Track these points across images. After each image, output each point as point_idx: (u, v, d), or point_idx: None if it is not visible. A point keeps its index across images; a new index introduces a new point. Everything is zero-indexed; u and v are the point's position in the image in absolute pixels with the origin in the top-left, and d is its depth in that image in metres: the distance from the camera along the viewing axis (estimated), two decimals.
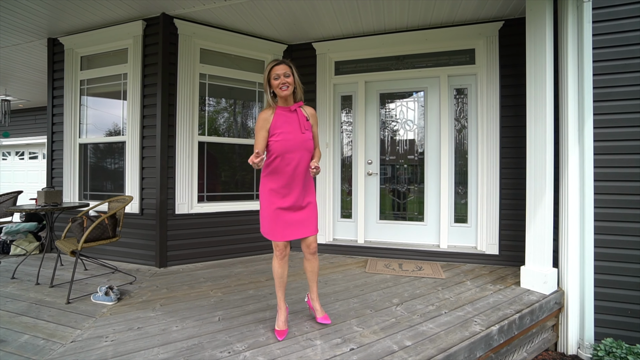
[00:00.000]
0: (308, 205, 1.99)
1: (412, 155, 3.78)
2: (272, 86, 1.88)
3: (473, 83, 3.53)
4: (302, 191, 1.95)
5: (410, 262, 3.44)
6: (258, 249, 3.79)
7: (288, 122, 1.88)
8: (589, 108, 2.45)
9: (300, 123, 1.89)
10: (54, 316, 2.20)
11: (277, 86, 1.84)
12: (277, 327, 1.98)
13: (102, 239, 2.71)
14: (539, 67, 2.59)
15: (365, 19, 3.40)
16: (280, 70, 1.84)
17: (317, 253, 2.10)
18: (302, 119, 1.90)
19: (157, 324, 2.11)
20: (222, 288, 2.75)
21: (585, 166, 2.47)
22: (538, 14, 2.58)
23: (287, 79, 1.84)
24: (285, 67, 1.85)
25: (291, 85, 1.87)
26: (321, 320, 2.09)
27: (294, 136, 1.86)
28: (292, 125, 1.88)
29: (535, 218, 2.64)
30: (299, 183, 1.93)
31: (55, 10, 3.24)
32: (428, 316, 2.20)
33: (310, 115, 1.98)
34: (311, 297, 2.15)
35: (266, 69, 1.89)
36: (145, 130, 3.43)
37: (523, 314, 2.25)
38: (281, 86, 1.83)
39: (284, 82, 1.83)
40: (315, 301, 2.13)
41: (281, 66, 1.85)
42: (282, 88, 1.84)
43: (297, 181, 1.92)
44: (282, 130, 1.86)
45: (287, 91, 1.85)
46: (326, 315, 2.12)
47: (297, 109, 1.92)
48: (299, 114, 1.91)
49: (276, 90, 1.86)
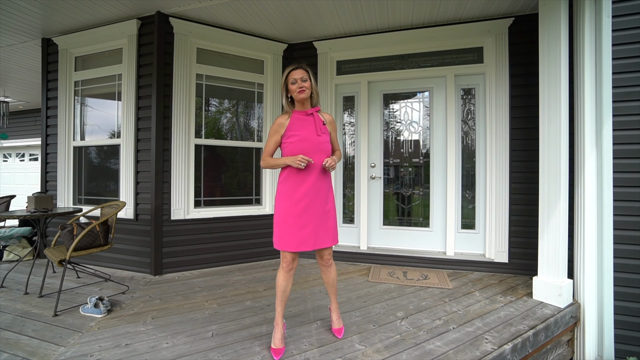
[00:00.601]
0: (326, 214, 1.88)
1: (417, 158, 3.63)
2: (289, 91, 1.88)
3: (481, 83, 3.38)
4: (319, 197, 1.86)
5: (416, 270, 3.29)
6: (256, 256, 3.66)
7: (304, 125, 1.86)
8: (608, 108, 2.30)
9: (316, 126, 1.87)
10: (39, 331, 2.08)
11: (295, 90, 1.85)
12: (273, 345, 1.84)
13: (92, 247, 2.60)
14: (553, 66, 2.43)
15: (368, 17, 3.26)
16: (297, 75, 1.85)
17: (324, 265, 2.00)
18: (319, 122, 1.88)
19: (147, 339, 1.98)
20: (217, 299, 2.63)
21: (604, 171, 2.31)
22: (552, 9, 2.42)
23: (304, 83, 1.85)
24: (303, 72, 1.86)
25: (308, 90, 1.86)
26: (334, 331, 2.04)
27: (310, 138, 1.84)
28: (308, 128, 1.86)
29: (548, 226, 2.48)
30: (319, 188, 1.86)
31: (48, 9, 3.14)
32: (435, 332, 2.05)
33: (328, 121, 1.97)
34: (331, 307, 2.10)
35: (284, 73, 1.90)
36: (140, 133, 3.32)
37: (537, 330, 2.09)
38: (298, 90, 1.84)
39: (301, 86, 1.84)
40: (333, 312, 2.08)
41: (298, 71, 1.86)
42: (299, 91, 1.84)
43: (317, 186, 1.85)
44: (297, 133, 1.84)
45: (303, 94, 1.85)
46: (341, 329, 2.04)
47: (314, 112, 1.90)
48: (315, 118, 1.89)
49: (293, 94, 1.87)
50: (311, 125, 1.86)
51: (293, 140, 1.83)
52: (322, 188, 1.87)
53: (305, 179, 1.83)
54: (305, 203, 1.82)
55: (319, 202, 1.85)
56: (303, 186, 1.82)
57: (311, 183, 1.83)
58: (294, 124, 1.86)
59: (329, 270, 2.00)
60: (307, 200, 1.82)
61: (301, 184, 1.83)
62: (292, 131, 1.84)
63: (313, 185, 1.83)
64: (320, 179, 1.86)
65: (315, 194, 1.84)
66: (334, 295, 2.06)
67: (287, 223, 1.83)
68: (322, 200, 1.87)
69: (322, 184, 1.87)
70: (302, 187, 1.82)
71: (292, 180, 1.84)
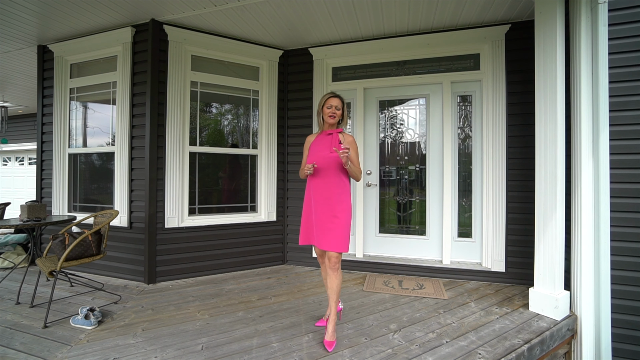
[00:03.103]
0: (334, 220, 2.07)
1: (413, 166, 3.59)
2: (323, 113, 2.18)
3: (478, 90, 3.35)
4: (330, 204, 2.09)
5: (411, 279, 3.26)
6: (251, 263, 3.64)
7: (321, 143, 2.18)
8: (605, 118, 2.26)
9: (331, 145, 2.12)
10: (27, 344, 2.06)
11: (327, 114, 2.15)
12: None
13: (84, 257, 2.58)
14: (549, 74, 2.40)
15: (363, 23, 3.23)
16: (334, 102, 2.15)
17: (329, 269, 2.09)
18: (335, 142, 2.12)
19: (136, 353, 1.96)
20: (210, 309, 2.60)
21: (601, 181, 2.27)
22: (548, 16, 2.39)
23: (337, 111, 2.16)
24: (339, 101, 2.17)
25: (338, 117, 2.17)
26: (325, 343, 2.03)
27: (322, 155, 2.12)
28: (323, 146, 2.15)
29: (545, 237, 2.44)
30: (327, 197, 2.11)
31: (43, 17, 3.14)
32: (427, 346, 2.02)
33: (348, 142, 2.16)
34: (328, 317, 2.11)
35: (323, 97, 2.20)
36: (134, 140, 3.31)
37: (532, 344, 2.06)
38: (330, 114, 2.14)
39: (333, 112, 2.14)
40: (330, 322, 2.08)
41: (336, 99, 2.16)
42: (330, 116, 2.15)
43: (323, 193, 2.12)
44: (314, 150, 2.18)
45: (332, 120, 2.16)
46: (332, 342, 2.02)
47: (334, 133, 2.17)
48: (333, 138, 2.15)
49: (325, 116, 2.17)
50: (327, 144, 2.14)
51: (309, 155, 2.21)
52: (331, 197, 2.10)
53: (316, 188, 2.14)
54: (314, 208, 2.13)
55: (325, 209, 2.09)
56: (314, 194, 2.15)
57: (320, 192, 2.12)
58: (316, 142, 2.21)
59: (333, 274, 2.07)
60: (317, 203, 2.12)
61: (313, 192, 2.16)
62: (312, 148, 2.21)
63: (321, 194, 2.12)
64: (329, 189, 2.11)
65: (323, 201, 2.10)
66: (333, 303, 2.07)
67: (302, 220, 2.23)
68: (328, 208, 2.09)
69: (330, 194, 2.10)
70: (313, 194, 2.16)
71: (308, 189, 2.22)
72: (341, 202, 2.10)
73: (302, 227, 2.23)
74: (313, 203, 2.15)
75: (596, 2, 2.20)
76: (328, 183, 2.11)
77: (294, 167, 3.81)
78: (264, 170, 3.75)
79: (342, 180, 2.13)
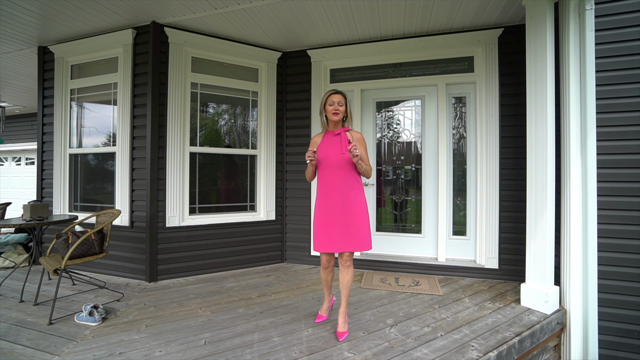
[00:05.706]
0: (352, 222, 2.09)
1: (409, 165, 3.68)
2: (326, 111, 2.15)
3: (472, 91, 3.43)
4: (349, 207, 2.09)
5: (407, 276, 3.34)
6: (251, 262, 3.70)
7: (331, 144, 2.14)
8: (592, 120, 2.35)
9: (341, 145, 2.11)
10: (33, 340, 2.11)
11: (330, 111, 2.11)
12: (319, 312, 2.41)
13: (88, 255, 2.63)
14: (540, 77, 2.49)
15: (360, 26, 3.31)
16: (335, 99, 2.12)
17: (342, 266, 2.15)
18: (344, 142, 2.11)
19: (141, 348, 2.02)
20: (211, 306, 2.66)
21: (588, 180, 2.37)
22: (538, 21, 2.48)
23: (340, 107, 2.12)
24: (341, 97, 2.13)
25: (341, 114, 2.13)
26: (337, 334, 2.13)
27: (334, 156, 2.10)
28: (334, 146, 2.13)
29: (535, 234, 2.53)
30: (341, 199, 2.10)
31: (44, 18, 3.18)
32: (423, 340, 2.10)
33: (357, 139, 2.15)
34: (340, 309, 2.20)
35: (325, 95, 2.16)
36: (135, 141, 3.35)
37: (523, 337, 2.14)
38: (333, 111, 2.10)
39: (336, 109, 2.11)
40: (341, 315, 2.18)
41: (337, 96, 2.13)
42: (333, 113, 2.11)
43: (339, 197, 2.11)
44: (324, 152, 2.13)
45: (336, 117, 2.12)
46: (344, 333, 2.12)
47: (342, 132, 2.15)
48: (342, 137, 2.13)
49: (328, 114, 2.13)
50: (337, 144, 2.12)
51: (319, 157, 2.13)
52: (349, 199, 2.10)
53: (329, 189, 2.12)
54: (332, 212, 2.11)
55: (346, 213, 2.09)
56: (330, 198, 2.12)
57: (334, 193, 2.11)
58: (324, 142, 2.17)
59: (346, 271, 2.14)
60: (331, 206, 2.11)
61: (329, 196, 2.12)
62: (321, 149, 2.15)
63: (338, 197, 2.10)
64: (346, 191, 2.10)
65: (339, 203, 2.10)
66: (345, 298, 2.17)
67: (315, 226, 2.18)
68: (349, 211, 2.09)
69: (348, 195, 2.10)
70: (329, 199, 2.12)
71: (320, 193, 2.18)
72: (358, 202, 2.11)
73: (317, 234, 2.14)
74: (330, 207, 2.10)
75: (583, 9, 2.29)
76: (345, 185, 2.09)
77: (293, 167, 3.88)
78: (263, 170, 3.81)
79: (357, 180, 2.13)
